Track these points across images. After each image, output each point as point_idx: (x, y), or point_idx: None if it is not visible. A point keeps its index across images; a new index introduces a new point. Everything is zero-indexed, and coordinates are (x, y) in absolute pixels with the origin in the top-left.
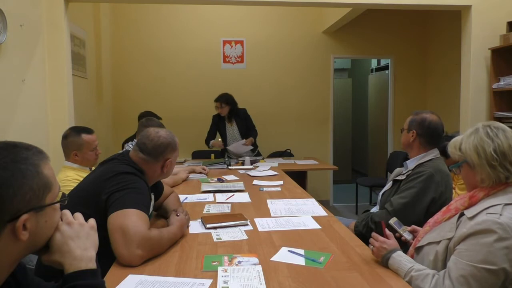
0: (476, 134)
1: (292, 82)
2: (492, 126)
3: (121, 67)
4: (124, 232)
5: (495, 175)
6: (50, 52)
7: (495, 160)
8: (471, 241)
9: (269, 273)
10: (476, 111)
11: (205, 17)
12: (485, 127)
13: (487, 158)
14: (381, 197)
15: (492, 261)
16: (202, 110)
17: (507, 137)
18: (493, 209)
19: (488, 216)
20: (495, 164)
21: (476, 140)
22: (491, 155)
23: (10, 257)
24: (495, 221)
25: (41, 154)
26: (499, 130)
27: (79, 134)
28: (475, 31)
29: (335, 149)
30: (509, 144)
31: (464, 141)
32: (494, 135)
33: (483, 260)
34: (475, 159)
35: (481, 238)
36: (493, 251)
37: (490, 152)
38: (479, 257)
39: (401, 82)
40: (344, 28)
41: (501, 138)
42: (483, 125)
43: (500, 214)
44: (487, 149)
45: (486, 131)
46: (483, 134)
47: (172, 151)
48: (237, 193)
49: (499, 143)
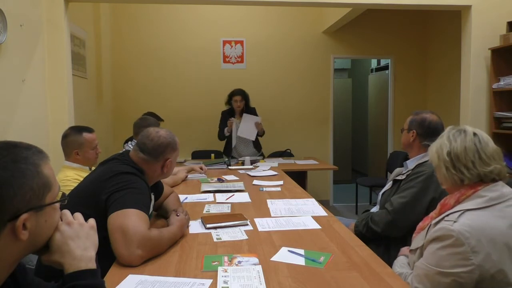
0: (441, 137)
1: (292, 82)
2: (458, 129)
3: (121, 67)
4: (124, 232)
5: (450, 177)
6: (50, 52)
7: (448, 162)
8: (430, 246)
9: (269, 273)
10: (476, 111)
11: (205, 17)
12: (451, 130)
13: (444, 160)
14: (381, 197)
15: (442, 265)
16: (202, 110)
17: (466, 140)
18: (450, 216)
19: (443, 223)
20: (448, 166)
21: (439, 143)
22: (444, 158)
23: (10, 257)
24: (448, 228)
25: (41, 154)
26: (461, 133)
27: (80, 132)
28: (475, 31)
29: (335, 149)
30: (464, 147)
31: (434, 143)
32: (453, 138)
33: (436, 264)
34: (435, 161)
35: (436, 244)
36: (444, 256)
37: (444, 155)
38: (433, 261)
39: (401, 82)
40: (344, 28)
41: (458, 141)
42: (450, 128)
43: (454, 221)
44: (443, 151)
45: (449, 134)
46: (445, 137)
47: (172, 151)
48: (237, 193)
49: (454, 146)
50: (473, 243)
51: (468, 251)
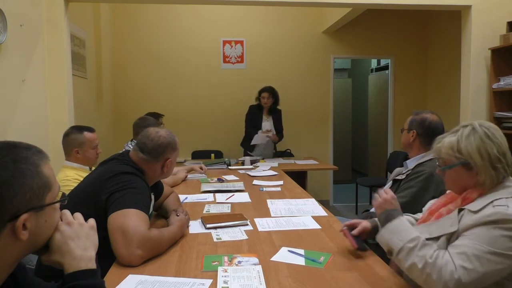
0: (475, 134)
1: (292, 82)
2: (488, 127)
3: (121, 67)
4: (124, 232)
5: (496, 176)
6: (50, 52)
7: (499, 161)
8: (479, 230)
9: (269, 273)
10: (476, 111)
11: (205, 17)
12: (482, 128)
13: (491, 160)
14: None
15: (497, 246)
16: (202, 110)
17: (502, 136)
18: (498, 201)
19: (496, 208)
20: (498, 165)
21: (477, 141)
22: (496, 156)
23: (10, 257)
24: (505, 212)
25: (41, 154)
26: (496, 131)
27: (81, 131)
28: (475, 31)
29: (335, 149)
30: (506, 144)
31: (464, 143)
32: (493, 135)
33: (489, 243)
34: (478, 161)
35: (492, 228)
36: (500, 238)
37: (494, 153)
38: (485, 241)
39: (401, 82)
40: (344, 28)
41: (499, 138)
42: (479, 124)
43: (507, 206)
44: (490, 151)
45: (484, 131)
46: (483, 135)
47: (172, 151)
48: (237, 193)
49: (498, 143)
50: None
51: None
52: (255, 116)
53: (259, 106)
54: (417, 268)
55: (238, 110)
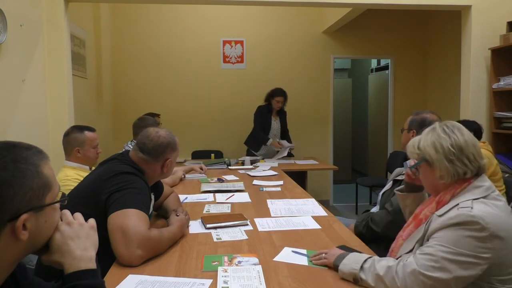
0: (433, 132)
1: (292, 82)
2: (448, 125)
3: (121, 67)
4: (124, 232)
5: (453, 170)
6: (50, 52)
7: (453, 154)
8: (444, 233)
9: (269, 273)
10: (476, 111)
11: (205, 17)
12: (442, 126)
13: (445, 153)
14: (381, 197)
15: (463, 247)
16: (201, 110)
17: (463, 133)
18: (463, 204)
19: (460, 210)
20: (453, 158)
21: (434, 137)
22: (449, 150)
23: (10, 257)
24: (468, 214)
25: (41, 154)
26: (454, 127)
27: (82, 131)
28: (475, 31)
29: (335, 149)
30: (465, 140)
31: (422, 139)
32: (450, 131)
33: (454, 244)
34: (433, 155)
35: (456, 230)
36: (464, 239)
37: (447, 147)
38: (450, 242)
39: (401, 82)
40: (344, 28)
41: (457, 134)
42: (439, 124)
43: (471, 207)
44: (444, 144)
45: (442, 128)
46: (440, 131)
47: (172, 151)
48: (237, 193)
49: (455, 138)
50: (492, 228)
51: (488, 236)
52: (265, 118)
53: (269, 107)
54: (380, 276)
55: (238, 110)
